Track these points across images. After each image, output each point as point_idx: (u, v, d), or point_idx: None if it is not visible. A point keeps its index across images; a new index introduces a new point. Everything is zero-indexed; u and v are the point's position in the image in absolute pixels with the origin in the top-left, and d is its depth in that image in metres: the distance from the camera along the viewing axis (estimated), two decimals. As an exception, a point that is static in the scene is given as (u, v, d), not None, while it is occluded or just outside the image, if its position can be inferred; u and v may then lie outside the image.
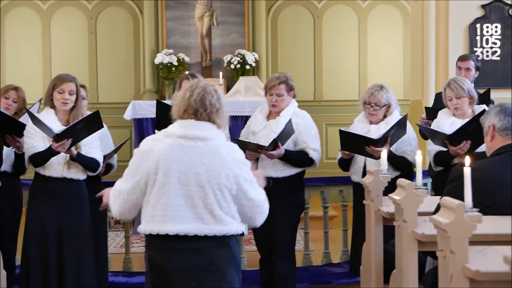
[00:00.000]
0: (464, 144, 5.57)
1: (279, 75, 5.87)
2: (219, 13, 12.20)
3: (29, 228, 5.30)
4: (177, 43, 12.16)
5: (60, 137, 5.00)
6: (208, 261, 3.60)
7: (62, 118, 5.29)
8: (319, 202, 7.32)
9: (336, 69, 12.53)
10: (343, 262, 7.02)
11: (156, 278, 3.66)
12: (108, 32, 12.44)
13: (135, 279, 6.56)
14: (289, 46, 12.54)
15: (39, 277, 5.20)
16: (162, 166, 3.57)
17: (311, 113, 6.11)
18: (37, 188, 5.32)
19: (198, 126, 3.63)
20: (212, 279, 3.61)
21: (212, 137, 3.64)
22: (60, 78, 5.31)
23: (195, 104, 3.66)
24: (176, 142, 3.60)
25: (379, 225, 4.90)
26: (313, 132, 5.83)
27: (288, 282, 5.87)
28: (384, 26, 12.55)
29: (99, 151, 5.43)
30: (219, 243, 3.62)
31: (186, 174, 3.56)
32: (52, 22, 12.43)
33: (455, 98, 5.83)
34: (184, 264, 3.58)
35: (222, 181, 3.58)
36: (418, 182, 4.53)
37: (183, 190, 3.57)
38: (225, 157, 3.61)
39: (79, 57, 12.36)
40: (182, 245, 3.58)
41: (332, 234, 7.50)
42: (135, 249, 8.15)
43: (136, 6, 12.37)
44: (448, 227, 3.10)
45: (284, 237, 5.78)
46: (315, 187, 7.10)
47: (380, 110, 5.90)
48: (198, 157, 3.58)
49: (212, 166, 3.57)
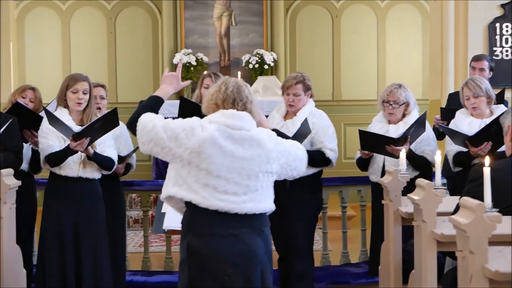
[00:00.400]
0: (485, 145, 5.53)
1: (296, 74, 5.85)
2: (238, 12, 12.22)
3: (45, 228, 5.30)
4: (195, 43, 12.19)
5: (79, 136, 5.02)
6: (246, 247, 3.69)
7: (75, 117, 5.30)
8: (337, 202, 7.31)
9: (354, 69, 12.52)
10: (361, 262, 7.01)
11: (194, 264, 3.71)
12: (127, 32, 12.49)
13: (153, 278, 6.58)
14: (307, 46, 12.53)
15: (56, 277, 5.20)
16: (208, 148, 3.67)
17: (330, 113, 6.10)
18: (53, 187, 5.33)
19: (239, 116, 3.76)
20: (248, 265, 3.70)
21: (251, 127, 3.78)
22: (74, 77, 5.33)
23: (233, 94, 3.80)
24: (221, 128, 3.72)
25: (398, 225, 4.89)
26: (330, 132, 5.81)
27: (306, 282, 5.87)
28: (403, 25, 12.51)
29: (113, 149, 5.44)
30: (255, 230, 3.74)
31: (230, 158, 3.69)
32: (71, 22, 12.49)
33: (472, 97, 5.80)
34: (222, 249, 3.66)
35: (261, 166, 3.73)
36: (437, 182, 4.52)
37: (225, 173, 3.68)
38: (265, 144, 3.76)
39: (98, 57, 12.41)
40: (221, 231, 3.67)
41: (351, 234, 7.49)
42: (153, 248, 8.18)
43: (155, 6, 12.40)
44: (468, 227, 3.08)
45: (302, 237, 5.78)
46: (334, 187, 7.09)
47: (398, 109, 5.87)
48: (239, 143, 3.72)
49: (253, 151, 3.73)
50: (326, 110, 6.06)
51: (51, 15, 12.46)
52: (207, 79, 6.07)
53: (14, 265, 4.75)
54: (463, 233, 3.12)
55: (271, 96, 10.27)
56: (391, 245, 4.92)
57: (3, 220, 4.55)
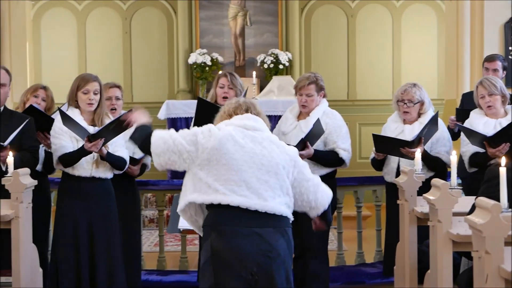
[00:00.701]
0: (503, 147, 5.50)
1: (309, 75, 5.84)
2: (253, 12, 12.22)
3: (59, 228, 5.31)
4: (210, 42, 12.20)
5: (94, 137, 5.03)
6: (270, 245, 3.72)
7: (87, 117, 5.30)
8: (352, 201, 7.30)
9: (369, 69, 12.49)
10: (376, 262, 7.00)
11: (218, 263, 3.72)
12: (142, 32, 12.52)
13: (169, 278, 6.59)
14: (322, 46, 12.52)
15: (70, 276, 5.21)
16: (227, 144, 3.75)
17: (344, 113, 6.10)
18: (66, 187, 5.34)
19: (253, 118, 3.89)
20: (272, 265, 3.72)
21: (266, 129, 3.91)
22: (84, 78, 5.33)
23: (246, 104, 3.97)
24: (238, 129, 3.82)
25: (413, 225, 4.89)
26: (343, 132, 5.80)
27: (321, 281, 5.87)
28: (418, 25, 12.47)
29: (124, 149, 5.44)
30: (278, 230, 3.76)
31: (250, 155, 3.76)
32: (87, 22, 12.53)
33: (487, 95, 5.77)
34: (246, 248, 3.68)
35: (282, 163, 3.81)
36: (453, 182, 4.51)
37: (245, 168, 3.74)
38: (282, 144, 3.89)
39: (113, 57, 12.45)
40: (244, 230, 3.70)
41: (366, 234, 7.48)
42: (169, 248, 8.19)
43: (170, 6, 12.43)
44: (484, 228, 3.08)
45: (316, 237, 5.76)
46: (349, 186, 7.08)
47: (413, 107, 5.86)
48: (258, 142, 3.81)
49: (272, 151, 3.81)
50: (341, 110, 6.06)
51: (67, 15, 12.51)
52: (223, 78, 6.06)
53: (31, 264, 4.77)
54: (479, 233, 3.11)
55: (286, 95, 10.26)
56: (407, 245, 4.92)
57: (20, 219, 4.57)
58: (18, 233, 4.58)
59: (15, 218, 4.56)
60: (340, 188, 6.86)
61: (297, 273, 5.84)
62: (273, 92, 10.72)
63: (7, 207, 4.58)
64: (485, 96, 5.79)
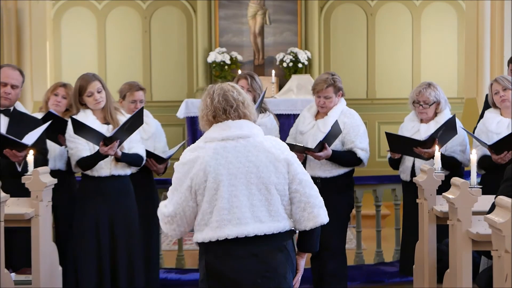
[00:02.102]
0: (505, 155, 5.49)
1: (326, 77, 5.81)
2: (272, 11, 12.21)
3: (81, 227, 5.34)
4: (230, 41, 12.20)
5: (109, 140, 5.05)
6: (266, 265, 3.56)
7: (99, 116, 5.34)
8: (371, 200, 7.29)
9: (389, 67, 12.46)
10: (395, 261, 6.98)
11: (214, 284, 3.61)
12: (162, 31, 12.55)
13: (187, 276, 6.61)
14: (342, 44, 12.50)
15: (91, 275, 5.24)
16: (211, 172, 3.53)
17: (364, 111, 6.09)
18: (87, 186, 5.38)
19: (236, 125, 3.60)
20: (271, 284, 3.56)
21: (252, 133, 3.61)
22: (84, 79, 5.34)
23: (221, 105, 3.62)
24: (220, 146, 3.57)
25: (433, 224, 4.87)
26: (361, 132, 5.78)
27: (339, 281, 5.87)
28: (438, 24, 12.42)
29: (141, 144, 5.46)
30: (276, 246, 3.59)
31: (236, 175, 3.53)
32: (107, 21, 12.58)
33: (502, 90, 5.77)
34: (243, 269, 3.54)
35: (273, 175, 3.56)
36: (472, 181, 4.49)
37: (236, 192, 3.53)
38: (271, 150, 3.59)
39: (133, 55, 12.49)
40: (240, 251, 3.54)
41: (385, 233, 7.47)
42: (187, 246, 8.21)
43: (190, 5, 12.45)
44: (503, 227, 3.06)
45: (334, 237, 5.76)
46: (368, 185, 7.07)
47: (429, 108, 5.85)
48: (243, 155, 3.56)
49: (259, 162, 3.55)
50: (360, 109, 6.05)
51: (87, 14, 12.56)
52: (243, 80, 6.03)
53: (50, 262, 4.79)
54: (499, 232, 3.10)
55: (305, 94, 10.26)
56: (426, 244, 4.90)
57: (40, 218, 4.60)
58: (38, 232, 4.61)
59: (35, 216, 4.59)
60: (359, 187, 6.86)
61: (314, 273, 5.84)
62: (292, 91, 10.72)
63: (27, 206, 4.60)
64: (499, 91, 5.78)
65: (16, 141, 5.04)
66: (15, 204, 4.59)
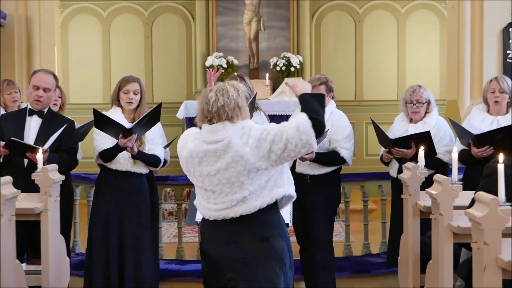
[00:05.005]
0: (485, 149, 5.48)
1: (319, 76, 5.85)
2: (266, 18, 12.22)
3: (94, 219, 5.36)
4: (226, 46, 12.21)
5: (129, 132, 5.06)
6: (245, 253, 3.55)
7: (128, 116, 5.35)
8: (359, 196, 7.30)
9: (376, 71, 12.48)
10: (381, 252, 6.99)
11: (204, 264, 3.73)
12: (162, 37, 12.56)
13: (187, 267, 6.61)
14: (331, 49, 12.52)
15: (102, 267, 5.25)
16: (190, 167, 3.64)
17: (352, 113, 6.10)
18: (103, 181, 5.39)
19: (211, 130, 3.57)
20: (249, 271, 3.55)
21: (226, 135, 3.54)
22: (125, 79, 5.39)
23: (201, 111, 3.63)
24: (198, 144, 3.60)
25: (417, 218, 4.88)
26: (347, 133, 5.78)
27: (327, 271, 5.87)
28: (422, 30, 12.46)
29: (161, 147, 5.47)
30: (257, 237, 3.56)
31: (210, 172, 3.56)
32: (111, 27, 12.58)
33: (498, 91, 5.75)
34: (224, 255, 3.58)
35: (244, 167, 3.48)
36: (454, 178, 4.51)
37: (212, 186, 3.57)
38: (239, 145, 3.50)
39: (136, 60, 12.50)
40: (224, 237, 3.58)
41: (372, 227, 7.48)
42: (187, 239, 8.22)
43: (189, 13, 12.45)
44: (482, 220, 3.07)
45: (322, 230, 5.77)
46: (356, 182, 7.07)
47: (422, 107, 5.84)
48: (216, 154, 3.54)
49: (229, 158, 3.50)
50: (349, 110, 6.05)
51: (92, 21, 12.56)
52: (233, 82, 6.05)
53: (58, 253, 4.80)
54: (478, 226, 3.11)
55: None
56: (410, 237, 4.91)
57: (48, 212, 4.60)
58: (47, 225, 4.61)
59: (44, 210, 4.59)
60: (348, 183, 6.87)
61: (304, 264, 5.84)
62: (285, 93, 10.71)
63: (37, 201, 4.61)
64: (495, 91, 5.76)
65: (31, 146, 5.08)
66: (25, 199, 4.59)
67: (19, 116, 5.47)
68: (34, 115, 5.41)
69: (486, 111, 5.85)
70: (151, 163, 5.36)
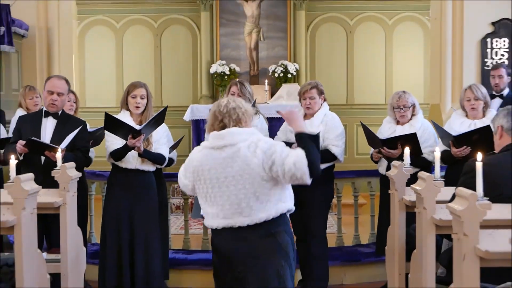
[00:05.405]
0: (464, 149, 5.49)
1: (310, 81, 5.91)
2: (265, 29, 12.23)
3: (106, 213, 5.36)
4: (229, 55, 12.22)
5: (138, 133, 5.06)
6: (253, 249, 3.54)
7: (135, 119, 5.33)
8: (350, 191, 7.29)
9: (365, 77, 12.49)
10: (370, 243, 6.99)
11: (215, 257, 3.69)
12: (170, 46, 12.56)
13: (193, 256, 6.61)
14: (325, 58, 12.52)
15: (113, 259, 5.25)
16: (200, 175, 3.61)
17: (344, 115, 6.11)
18: (114, 178, 5.37)
19: (219, 136, 3.57)
20: (257, 265, 3.54)
21: (233, 140, 3.55)
22: (133, 84, 5.38)
23: (210, 120, 3.66)
24: (207, 152, 3.60)
25: (402, 211, 4.88)
26: (338, 132, 5.79)
27: (322, 260, 5.87)
28: (407, 40, 12.47)
29: (166, 147, 5.46)
30: (265, 233, 3.55)
31: (219, 179, 3.55)
32: (124, 38, 12.58)
33: (473, 99, 5.76)
34: (234, 250, 3.56)
35: (251, 175, 3.49)
36: (436, 175, 4.51)
37: (220, 193, 3.55)
38: (246, 154, 3.50)
39: (146, 67, 12.50)
40: (233, 234, 3.56)
41: (361, 219, 7.47)
42: (193, 230, 8.22)
43: (195, 24, 12.46)
44: (462, 213, 3.08)
45: (316, 222, 5.78)
46: (347, 178, 7.07)
47: (408, 111, 5.85)
48: (225, 161, 3.53)
49: (237, 167, 3.50)
50: (341, 113, 6.05)
51: (107, 32, 12.57)
52: (234, 87, 6.08)
53: (76, 243, 4.80)
54: (458, 218, 3.11)
55: (294, 100, 10.24)
56: (397, 229, 4.91)
57: (67, 206, 4.61)
58: (66, 218, 4.62)
59: (63, 205, 4.59)
60: (340, 179, 6.87)
61: (300, 255, 5.84)
62: (282, 97, 10.73)
63: (56, 196, 4.61)
64: (471, 99, 5.77)
65: (50, 145, 5.09)
66: (46, 194, 4.60)
67: (36, 117, 5.49)
68: (49, 116, 5.43)
69: (464, 115, 5.87)
70: (157, 161, 5.34)
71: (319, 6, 12.45)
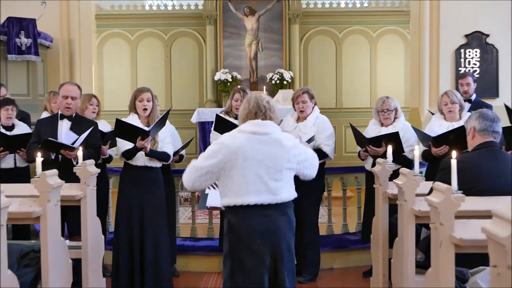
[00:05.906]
0: (443, 148, 5.49)
1: (301, 87, 5.96)
2: (264, 41, 12.23)
3: (118, 207, 5.34)
4: (231, 64, 12.21)
5: (146, 133, 5.05)
6: (273, 224, 3.63)
7: (143, 121, 5.31)
8: (339, 185, 7.30)
9: (353, 84, 12.48)
10: (357, 231, 7.00)
11: (232, 236, 3.67)
12: (179, 56, 12.55)
13: (199, 243, 6.62)
14: (317, 66, 12.52)
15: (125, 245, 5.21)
16: (242, 154, 3.61)
17: (334, 117, 6.11)
18: (125, 175, 5.34)
19: (262, 124, 3.70)
20: (273, 238, 3.63)
21: (273, 131, 3.71)
22: (139, 90, 5.35)
23: (254, 109, 3.76)
24: (249, 137, 3.67)
25: (386, 203, 4.88)
26: (329, 133, 5.81)
27: (314, 248, 5.87)
28: (390, 50, 12.46)
29: (170, 145, 5.43)
30: (280, 211, 3.66)
31: (258, 160, 3.62)
32: (138, 49, 12.57)
33: (450, 103, 5.78)
34: (254, 225, 3.60)
35: (284, 163, 3.65)
36: (416, 171, 4.51)
37: (257, 171, 3.61)
38: (285, 145, 3.69)
39: (157, 75, 12.50)
40: (255, 212, 3.61)
41: (349, 210, 7.47)
42: (199, 220, 8.22)
43: (201, 36, 12.45)
44: (439, 205, 3.08)
45: (309, 213, 5.78)
46: (337, 174, 7.08)
47: (392, 114, 5.85)
48: (266, 146, 3.65)
49: (276, 153, 3.65)
50: (331, 116, 6.05)
51: (122, 44, 12.56)
52: (237, 94, 6.08)
53: (95, 232, 4.80)
54: (436, 210, 3.12)
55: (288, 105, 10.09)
56: (380, 219, 4.91)
57: (87, 199, 4.61)
58: (86, 209, 4.62)
59: (84, 197, 4.59)
60: (330, 175, 6.87)
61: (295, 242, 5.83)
62: (279, 102, 10.71)
63: (78, 189, 4.61)
64: (448, 103, 5.78)
65: (66, 145, 5.09)
66: (68, 188, 4.60)
67: (53, 120, 5.51)
68: (64, 119, 5.45)
69: (443, 118, 5.87)
70: (162, 159, 5.31)
71: (312, 20, 12.45)
